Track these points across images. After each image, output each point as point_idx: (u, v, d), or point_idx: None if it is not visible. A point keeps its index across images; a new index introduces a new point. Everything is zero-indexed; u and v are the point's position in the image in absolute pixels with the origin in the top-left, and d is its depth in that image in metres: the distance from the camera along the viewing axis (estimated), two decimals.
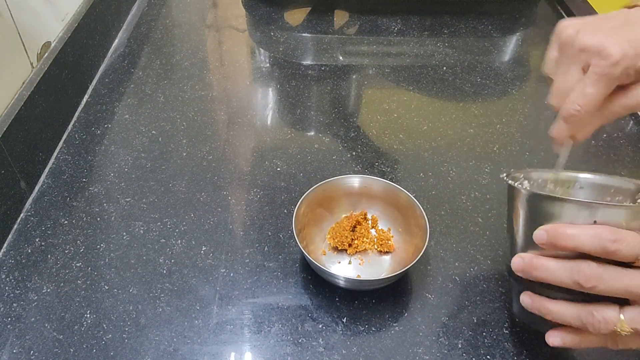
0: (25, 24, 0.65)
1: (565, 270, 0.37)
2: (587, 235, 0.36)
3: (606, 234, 0.35)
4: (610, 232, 0.35)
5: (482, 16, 0.99)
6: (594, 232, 0.35)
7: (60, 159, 0.68)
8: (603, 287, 0.36)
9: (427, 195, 0.63)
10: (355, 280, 0.50)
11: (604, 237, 0.35)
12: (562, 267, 0.37)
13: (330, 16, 0.99)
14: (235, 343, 0.48)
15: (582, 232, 0.36)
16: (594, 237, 0.35)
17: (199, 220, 0.60)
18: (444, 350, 0.48)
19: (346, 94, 0.81)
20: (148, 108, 0.76)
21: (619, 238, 0.35)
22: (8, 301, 0.52)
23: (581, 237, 0.36)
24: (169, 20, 0.97)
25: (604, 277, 0.35)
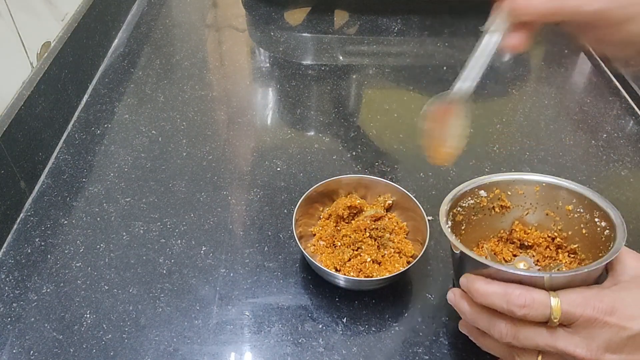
0: (25, 23, 0.65)
1: (484, 320, 0.39)
2: (496, 295, 0.37)
3: (514, 298, 0.36)
4: (519, 296, 0.36)
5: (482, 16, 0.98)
6: (504, 293, 0.37)
7: (60, 158, 0.68)
8: (517, 344, 0.38)
9: (427, 195, 0.63)
10: (355, 280, 0.50)
11: (512, 302, 0.36)
12: (481, 317, 0.39)
13: (330, 16, 0.99)
14: (235, 343, 0.48)
15: (492, 292, 0.37)
16: (502, 299, 0.37)
17: (199, 220, 0.60)
18: (444, 350, 0.48)
19: (346, 94, 0.81)
20: (148, 108, 0.76)
21: (528, 303, 0.36)
22: (8, 301, 0.52)
23: (491, 297, 0.37)
24: (169, 20, 0.97)
25: (518, 336, 0.37)
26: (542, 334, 0.37)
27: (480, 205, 0.49)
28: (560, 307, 0.36)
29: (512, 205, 0.49)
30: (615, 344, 0.35)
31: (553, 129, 0.73)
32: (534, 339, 0.37)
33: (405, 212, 0.56)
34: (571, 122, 0.74)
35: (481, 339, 0.42)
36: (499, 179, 0.48)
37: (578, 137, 0.71)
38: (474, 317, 0.40)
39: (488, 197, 0.48)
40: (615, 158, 0.68)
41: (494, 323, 0.38)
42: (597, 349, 0.35)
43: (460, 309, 0.42)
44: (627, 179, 0.66)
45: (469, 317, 0.41)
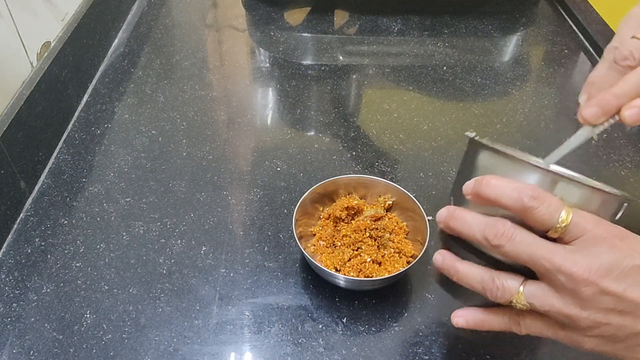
0: (25, 23, 0.65)
1: (480, 224, 0.35)
2: (509, 187, 0.34)
3: (528, 189, 0.33)
4: (533, 189, 0.33)
5: (482, 16, 0.99)
6: (517, 186, 0.34)
7: (60, 158, 0.68)
8: (510, 248, 0.34)
9: (427, 195, 0.63)
10: (355, 280, 0.50)
11: (524, 191, 0.33)
12: (477, 221, 0.36)
13: (330, 16, 0.99)
14: (235, 343, 0.48)
15: (505, 184, 0.34)
16: (514, 190, 0.33)
17: (199, 220, 0.60)
18: (444, 350, 0.48)
19: (346, 94, 0.81)
20: (148, 108, 0.76)
21: (540, 197, 0.33)
22: (8, 301, 0.52)
23: (502, 187, 0.34)
24: (169, 20, 0.97)
25: (514, 238, 0.34)
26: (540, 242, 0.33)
27: None
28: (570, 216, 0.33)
29: None
30: (618, 270, 0.32)
31: (553, 129, 0.73)
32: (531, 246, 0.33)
33: (405, 212, 0.56)
34: (571, 122, 0.74)
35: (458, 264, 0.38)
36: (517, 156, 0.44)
37: None
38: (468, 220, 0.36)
39: None
40: (615, 158, 0.68)
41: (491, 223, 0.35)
42: (597, 270, 0.32)
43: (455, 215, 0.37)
44: (627, 179, 0.66)
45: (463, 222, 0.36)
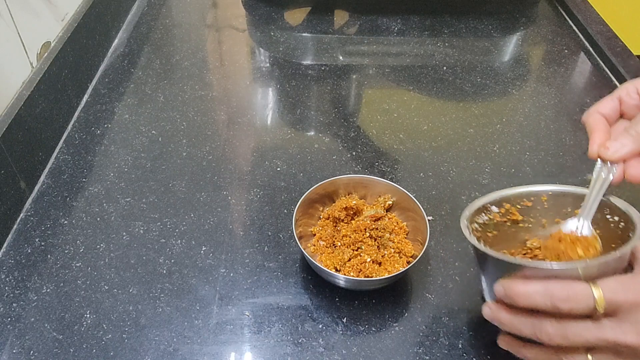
0: (25, 23, 0.65)
1: (528, 326, 0.38)
2: (538, 294, 0.36)
3: (557, 292, 0.36)
4: (562, 290, 0.36)
5: (482, 16, 0.99)
6: (545, 291, 0.36)
7: (60, 159, 0.68)
8: (567, 343, 0.37)
9: (427, 195, 0.63)
10: (355, 280, 0.50)
11: (555, 296, 0.36)
12: (524, 323, 0.38)
13: (330, 16, 0.99)
14: (235, 343, 0.48)
15: (533, 291, 0.36)
16: (545, 296, 0.36)
17: (199, 220, 0.60)
18: (444, 350, 0.48)
19: (346, 94, 0.81)
20: (148, 108, 0.76)
21: (570, 296, 0.35)
22: (8, 301, 0.52)
23: (534, 297, 0.36)
24: (169, 20, 0.97)
25: (566, 334, 0.36)
26: (590, 327, 0.36)
27: (494, 221, 0.48)
28: (603, 296, 0.35)
29: (523, 218, 0.48)
30: None
31: (553, 129, 0.73)
32: (582, 335, 0.36)
33: (405, 212, 0.56)
34: (571, 122, 0.74)
35: (524, 350, 0.41)
36: (507, 193, 0.48)
37: (578, 137, 0.71)
38: (516, 325, 0.39)
39: (500, 212, 0.48)
40: None
41: (539, 326, 0.37)
42: None
43: (500, 320, 0.40)
44: None
45: (511, 326, 0.39)
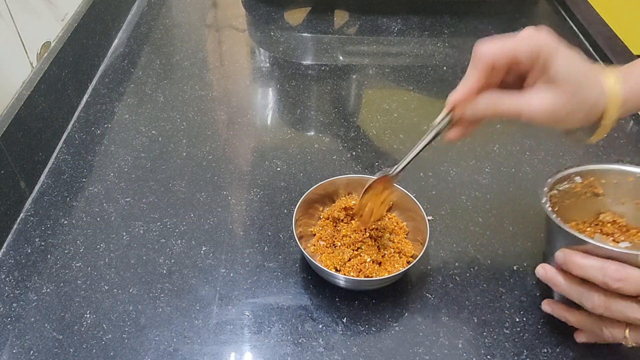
0: (25, 23, 0.65)
1: (577, 292, 0.42)
2: (593, 268, 0.40)
3: (611, 272, 0.39)
4: (616, 271, 0.39)
5: (482, 16, 0.99)
6: (601, 266, 0.40)
7: (60, 159, 0.68)
8: (608, 314, 0.41)
9: (427, 195, 0.63)
10: (355, 280, 0.50)
11: (608, 274, 0.39)
12: (574, 289, 0.42)
13: (330, 16, 0.99)
14: (235, 343, 0.48)
15: (590, 265, 0.40)
16: (599, 271, 0.40)
17: (199, 220, 0.60)
18: (444, 350, 0.48)
19: (346, 94, 0.81)
20: (148, 108, 0.76)
21: (623, 277, 0.39)
22: (8, 301, 0.52)
23: (589, 270, 0.40)
24: (169, 20, 0.97)
25: (610, 307, 0.40)
26: (633, 307, 0.39)
27: (574, 190, 0.51)
28: None
29: (604, 193, 0.51)
30: None
31: (553, 129, 0.73)
32: (625, 312, 0.40)
33: (405, 212, 0.56)
34: None
35: (567, 314, 0.45)
36: (594, 167, 0.50)
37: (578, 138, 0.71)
38: (568, 289, 0.43)
39: (582, 183, 0.51)
40: (615, 158, 0.68)
41: (587, 294, 0.41)
42: None
43: (555, 282, 0.44)
44: None
45: (563, 288, 0.43)
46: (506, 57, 0.40)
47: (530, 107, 0.41)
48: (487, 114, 0.42)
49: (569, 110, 0.40)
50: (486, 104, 0.42)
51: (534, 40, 0.40)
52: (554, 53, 0.40)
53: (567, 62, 0.40)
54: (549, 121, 0.41)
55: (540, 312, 0.51)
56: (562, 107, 0.40)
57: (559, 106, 0.40)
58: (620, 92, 0.41)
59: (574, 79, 0.40)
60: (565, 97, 0.40)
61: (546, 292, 0.52)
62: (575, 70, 0.40)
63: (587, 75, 0.41)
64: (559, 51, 0.40)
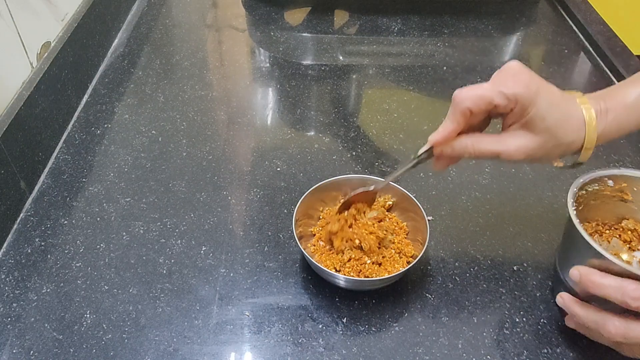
0: (25, 23, 0.65)
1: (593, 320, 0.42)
2: (612, 288, 0.40)
3: (630, 291, 0.39)
4: (634, 291, 0.39)
5: (482, 16, 0.99)
6: (619, 286, 0.39)
7: (60, 159, 0.68)
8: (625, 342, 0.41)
9: (427, 195, 0.63)
10: (355, 280, 0.50)
11: (626, 294, 0.39)
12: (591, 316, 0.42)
13: (330, 16, 0.99)
14: (235, 343, 0.48)
15: (608, 285, 0.40)
16: (617, 291, 0.39)
17: (199, 220, 0.60)
18: (444, 350, 0.48)
19: (346, 94, 0.81)
20: (148, 108, 0.76)
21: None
22: (8, 301, 0.52)
23: (607, 289, 0.40)
24: (169, 20, 0.97)
25: (627, 334, 0.40)
26: None
27: (603, 192, 0.51)
28: None
29: (633, 200, 0.51)
30: None
31: None
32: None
33: (406, 212, 0.56)
34: None
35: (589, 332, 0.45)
36: (629, 174, 0.50)
37: None
38: (585, 318, 0.43)
39: (613, 187, 0.51)
40: (615, 158, 0.68)
41: (604, 323, 0.41)
42: None
43: (573, 312, 0.44)
44: None
45: (581, 319, 0.43)
46: (484, 104, 0.42)
47: (507, 150, 0.42)
48: (465, 155, 0.44)
49: (544, 152, 0.42)
50: (464, 146, 0.44)
51: (512, 89, 0.41)
52: (533, 99, 0.40)
53: (544, 108, 0.41)
54: (526, 161, 0.43)
55: (540, 312, 0.51)
56: (538, 150, 0.42)
57: (535, 150, 0.42)
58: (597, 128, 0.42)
59: (550, 125, 0.41)
60: (540, 141, 0.42)
61: (546, 293, 0.52)
62: (552, 116, 0.41)
63: (565, 116, 0.42)
64: (538, 96, 0.41)
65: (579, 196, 0.50)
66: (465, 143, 0.44)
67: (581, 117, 0.42)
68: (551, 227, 0.59)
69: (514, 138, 0.42)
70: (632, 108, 0.42)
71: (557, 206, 0.62)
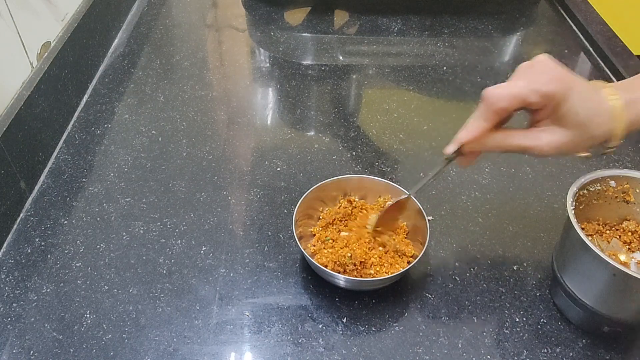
0: (25, 23, 0.65)
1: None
2: None
3: None
4: None
5: (482, 16, 0.99)
6: None
7: (60, 159, 0.68)
8: None
9: (427, 195, 0.63)
10: (355, 280, 0.50)
11: None
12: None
13: (330, 16, 0.99)
14: (235, 343, 0.48)
15: None
16: None
17: (199, 220, 0.60)
18: (444, 350, 0.48)
19: (346, 94, 0.81)
20: (148, 108, 0.76)
21: None
22: (8, 301, 0.52)
23: None
24: (169, 20, 0.97)
25: None
26: None
27: (605, 192, 0.51)
28: None
29: (635, 201, 0.51)
30: None
31: None
32: None
33: (405, 212, 0.56)
34: None
35: None
36: (632, 175, 0.50)
37: None
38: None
39: (616, 188, 0.51)
40: (615, 158, 0.68)
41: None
42: None
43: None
44: None
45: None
46: (518, 103, 0.41)
47: (538, 146, 0.42)
48: (495, 150, 0.44)
49: (574, 146, 0.42)
50: (496, 142, 0.44)
51: (546, 87, 0.40)
52: (566, 95, 0.40)
53: (577, 103, 0.41)
54: (556, 155, 0.44)
55: (540, 311, 0.51)
56: (569, 145, 0.42)
57: (566, 144, 0.42)
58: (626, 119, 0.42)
59: (583, 121, 0.41)
60: (572, 136, 0.42)
61: (547, 293, 0.52)
62: (584, 111, 0.41)
63: (595, 110, 0.41)
64: (571, 91, 0.40)
65: (580, 195, 0.50)
66: (497, 140, 0.43)
67: (610, 109, 0.42)
68: (551, 227, 0.59)
69: (545, 133, 0.42)
70: None
71: (557, 206, 0.62)
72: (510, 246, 0.57)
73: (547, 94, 0.40)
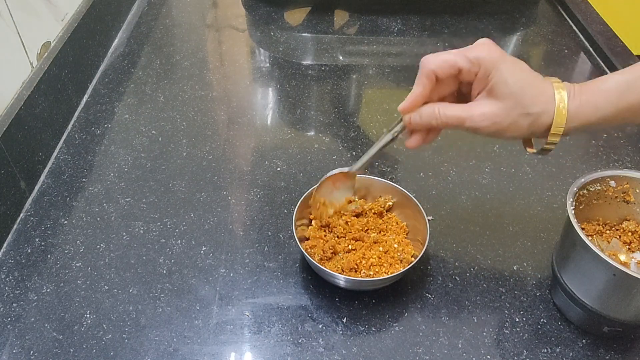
0: (25, 23, 0.65)
1: None
2: None
3: None
4: None
5: (482, 16, 0.99)
6: None
7: (60, 159, 0.68)
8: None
9: (427, 195, 0.63)
10: (355, 280, 0.50)
11: None
12: None
13: (330, 16, 0.99)
14: (235, 343, 0.48)
15: None
16: None
17: (199, 220, 0.60)
18: (444, 350, 0.48)
19: (346, 94, 0.81)
20: (148, 108, 0.76)
21: None
22: (8, 301, 0.52)
23: None
24: (169, 20, 0.97)
25: None
26: None
27: (606, 192, 0.51)
28: None
29: (635, 201, 0.51)
30: None
31: None
32: None
33: (405, 212, 0.56)
34: None
35: None
36: (632, 175, 0.50)
37: (578, 137, 0.71)
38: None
39: (616, 188, 0.51)
40: (615, 158, 0.68)
41: None
42: None
43: None
44: None
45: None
46: (448, 67, 0.43)
47: (472, 116, 0.43)
48: (431, 122, 0.45)
49: (510, 121, 0.42)
50: (429, 112, 0.44)
51: (475, 52, 0.42)
52: (496, 64, 0.41)
53: (507, 74, 0.41)
54: (492, 131, 0.43)
55: (539, 311, 0.51)
56: (503, 118, 0.42)
57: (500, 117, 0.42)
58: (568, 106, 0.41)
59: (514, 91, 0.41)
60: (505, 107, 0.42)
61: (547, 293, 0.52)
62: (516, 82, 0.41)
63: (531, 86, 0.42)
64: (501, 63, 0.41)
65: (580, 195, 0.50)
66: (432, 109, 0.44)
67: (551, 92, 0.42)
68: (551, 227, 0.59)
69: (478, 104, 0.43)
70: (609, 91, 0.41)
71: (557, 206, 0.62)
72: (510, 246, 0.57)
73: (474, 59, 0.42)
